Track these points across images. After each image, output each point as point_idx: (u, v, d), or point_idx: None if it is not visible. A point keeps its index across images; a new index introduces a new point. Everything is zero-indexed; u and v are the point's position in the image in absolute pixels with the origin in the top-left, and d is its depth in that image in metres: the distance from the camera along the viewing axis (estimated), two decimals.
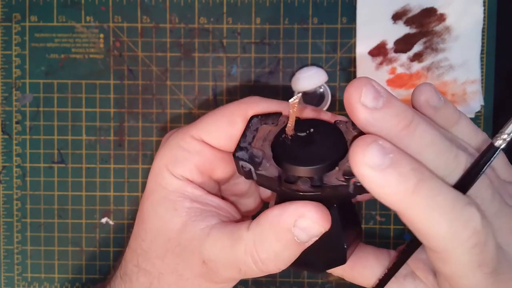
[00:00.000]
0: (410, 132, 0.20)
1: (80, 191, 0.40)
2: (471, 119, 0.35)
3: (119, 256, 0.40)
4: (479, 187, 0.22)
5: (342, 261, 0.26)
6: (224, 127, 0.27)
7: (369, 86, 0.20)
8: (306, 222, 0.23)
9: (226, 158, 0.28)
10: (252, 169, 0.23)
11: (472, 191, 0.22)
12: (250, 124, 0.25)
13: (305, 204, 0.23)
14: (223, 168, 0.28)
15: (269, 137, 0.25)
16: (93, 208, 0.40)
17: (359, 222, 0.28)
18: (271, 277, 0.40)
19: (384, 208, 0.39)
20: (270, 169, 0.23)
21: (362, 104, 0.20)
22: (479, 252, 0.21)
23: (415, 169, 0.20)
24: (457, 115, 0.24)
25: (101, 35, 0.39)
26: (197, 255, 0.26)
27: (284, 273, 0.40)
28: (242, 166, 0.24)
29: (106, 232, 0.40)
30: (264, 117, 0.26)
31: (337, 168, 0.22)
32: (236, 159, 0.24)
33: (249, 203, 0.31)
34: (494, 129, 0.39)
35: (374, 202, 0.39)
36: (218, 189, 0.30)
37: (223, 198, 0.29)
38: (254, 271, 0.25)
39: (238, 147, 0.24)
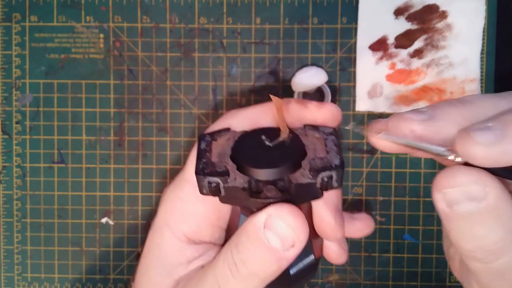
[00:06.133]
0: None
1: (80, 191, 0.40)
2: None
3: (119, 256, 0.40)
4: None
5: (314, 272, 0.25)
6: None
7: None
8: (275, 221, 0.22)
9: None
10: (221, 183, 0.22)
11: None
12: (201, 144, 0.24)
13: (275, 205, 0.22)
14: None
15: (225, 151, 0.24)
16: (93, 208, 0.40)
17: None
18: None
19: (384, 208, 0.39)
20: (237, 179, 0.22)
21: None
22: None
23: None
24: None
25: (101, 35, 0.39)
26: None
27: None
28: (209, 182, 0.22)
29: (106, 232, 0.40)
30: (213, 135, 0.25)
31: (301, 168, 0.22)
32: (201, 175, 0.22)
33: None
34: None
35: (374, 202, 0.39)
36: None
37: None
38: (232, 280, 0.22)
39: (198, 166, 0.23)
